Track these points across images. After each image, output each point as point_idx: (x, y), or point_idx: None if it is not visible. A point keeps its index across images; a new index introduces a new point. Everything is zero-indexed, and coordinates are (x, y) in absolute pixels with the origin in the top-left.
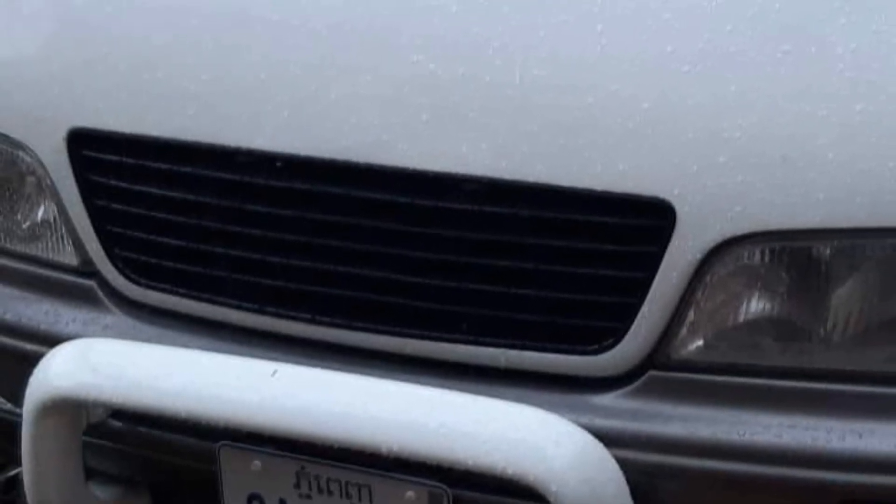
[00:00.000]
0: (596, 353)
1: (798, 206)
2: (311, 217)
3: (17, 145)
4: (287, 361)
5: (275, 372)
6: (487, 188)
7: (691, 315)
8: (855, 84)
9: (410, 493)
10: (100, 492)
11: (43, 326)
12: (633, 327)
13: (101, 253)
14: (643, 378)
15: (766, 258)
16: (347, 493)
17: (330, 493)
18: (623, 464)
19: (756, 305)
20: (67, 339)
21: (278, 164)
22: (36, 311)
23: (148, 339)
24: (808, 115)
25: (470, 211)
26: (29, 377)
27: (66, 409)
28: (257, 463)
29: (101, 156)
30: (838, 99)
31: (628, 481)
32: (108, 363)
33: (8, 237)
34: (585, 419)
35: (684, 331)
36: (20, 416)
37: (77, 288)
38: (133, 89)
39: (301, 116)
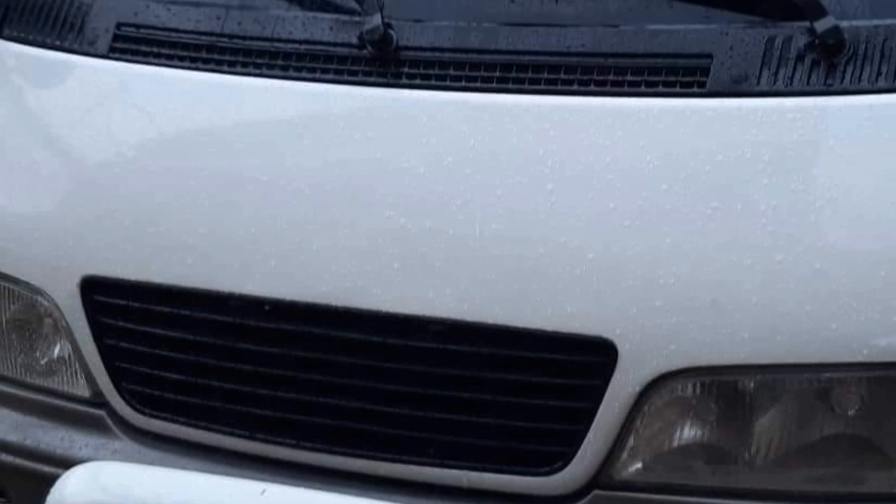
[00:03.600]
0: (547, 474)
1: (725, 344)
2: (294, 354)
3: (37, 291)
4: (274, 482)
5: (263, 491)
6: (451, 329)
7: (631, 441)
8: (776, 237)
9: None
10: None
11: (59, 451)
12: (579, 451)
13: (111, 386)
14: (589, 496)
15: (698, 391)
16: None
17: None
18: None
19: (688, 432)
20: (80, 462)
21: (266, 307)
22: (53, 437)
23: (152, 462)
24: (735, 264)
25: (436, 349)
26: (46, 496)
27: None
28: None
29: (111, 300)
30: (761, 250)
31: None
32: (116, 483)
33: (28, 372)
34: None
35: (625, 454)
36: None
37: (89, 417)
38: (138, 242)
39: (287, 265)
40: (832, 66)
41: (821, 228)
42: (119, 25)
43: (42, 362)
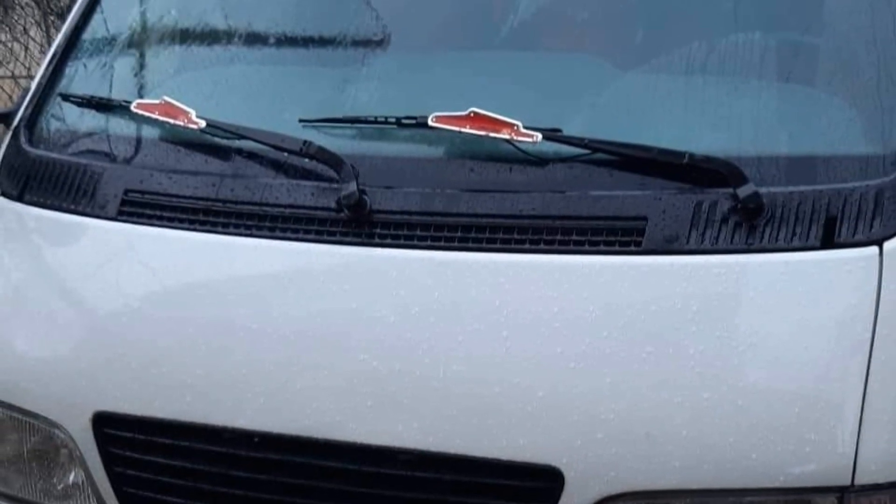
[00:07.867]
0: None
1: (659, 472)
2: (281, 481)
3: (54, 425)
4: None
5: None
6: (418, 458)
7: None
8: (703, 377)
9: None
10: None
11: None
12: None
13: None
14: None
15: None
16: None
17: None
18: None
19: None
20: None
21: (256, 439)
22: None
23: None
24: (667, 401)
25: (404, 476)
26: None
27: None
28: None
29: (120, 433)
30: (690, 389)
31: None
32: None
33: (46, 496)
34: None
35: None
36: None
37: None
38: (144, 381)
39: (273, 402)
40: (753, 227)
41: (742, 370)
42: (126, 191)
43: (59, 487)
